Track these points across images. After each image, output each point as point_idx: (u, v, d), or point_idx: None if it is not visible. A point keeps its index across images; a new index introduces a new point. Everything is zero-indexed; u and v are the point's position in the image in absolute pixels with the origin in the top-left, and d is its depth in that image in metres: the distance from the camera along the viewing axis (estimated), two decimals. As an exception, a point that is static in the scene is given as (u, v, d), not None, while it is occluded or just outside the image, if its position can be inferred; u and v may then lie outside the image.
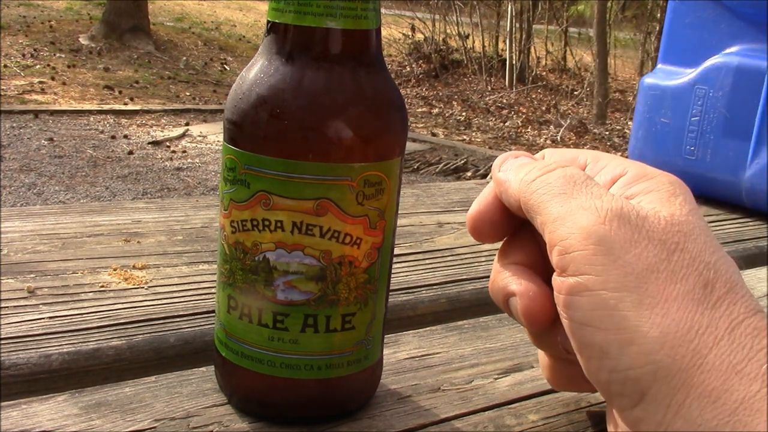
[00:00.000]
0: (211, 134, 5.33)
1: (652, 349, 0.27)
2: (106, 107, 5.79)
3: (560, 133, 6.56)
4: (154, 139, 5.10)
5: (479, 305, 0.60)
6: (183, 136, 5.27)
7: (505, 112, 7.36)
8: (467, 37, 8.49)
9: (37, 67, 6.59)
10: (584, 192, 0.30)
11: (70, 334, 0.47)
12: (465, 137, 6.34)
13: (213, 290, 0.55)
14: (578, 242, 0.29)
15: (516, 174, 0.33)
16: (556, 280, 0.30)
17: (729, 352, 0.26)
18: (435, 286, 0.61)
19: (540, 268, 0.35)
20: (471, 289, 0.61)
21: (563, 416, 0.44)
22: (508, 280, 0.34)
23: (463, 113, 7.18)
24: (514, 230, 0.36)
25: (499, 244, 0.38)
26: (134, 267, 0.58)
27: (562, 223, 0.30)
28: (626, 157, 0.52)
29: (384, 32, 3.33)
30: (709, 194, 0.92)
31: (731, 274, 0.28)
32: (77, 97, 5.98)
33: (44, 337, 0.47)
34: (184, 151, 4.89)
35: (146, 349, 0.47)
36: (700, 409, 0.26)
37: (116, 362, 0.46)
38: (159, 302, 0.53)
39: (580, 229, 0.29)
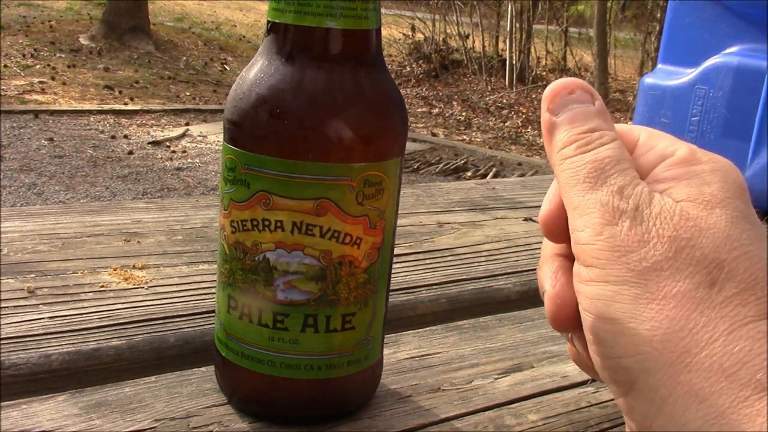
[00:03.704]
0: (211, 134, 5.33)
1: (641, 340, 0.27)
2: (106, 107, 5.79)
3: (560, 133, 6.55)
4: (154, 139, 5.10)
5: (479, 305, 0.60)
6: (183, 136, 5.26)
7: (505, 112, 7.35)
8: (467, 37, 8.49)
9: (37, 67, 6.58)
10: (607, 185, 0.31)
11: (70, 334, 0.47)
12: (465, 137, 6.33)
13: (213, 290, 0.55)
14: (590, 236, 0.30)
15: (559, 136, 0.33)
16: (575, 265, 0.32)
17: (722, 354, 0.26)
18: (435, 286, 0.61)
19: None
20: (471, 289, 0.61)
21: (563, 416, 0.44)
22: (546, 277, 0.34)
23: (463, 113, 7.18)
24: None
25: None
26: (134, 267, 0.58)
27: (579, 214, 0.31)
28: None
29: (384, 32, 3.33)
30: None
31: (751, 273, 0.28)
32: (77, 97, 5.97)
33: (44, 337, 0.47)
34: (184, 151, 4.89)
35: (146, 349, 0.47)
36: (685, 408, 0.26)
37: (116, 362, 0.46)
38: (159, 302, 0.53)
39: (593, 225, 0.30)
